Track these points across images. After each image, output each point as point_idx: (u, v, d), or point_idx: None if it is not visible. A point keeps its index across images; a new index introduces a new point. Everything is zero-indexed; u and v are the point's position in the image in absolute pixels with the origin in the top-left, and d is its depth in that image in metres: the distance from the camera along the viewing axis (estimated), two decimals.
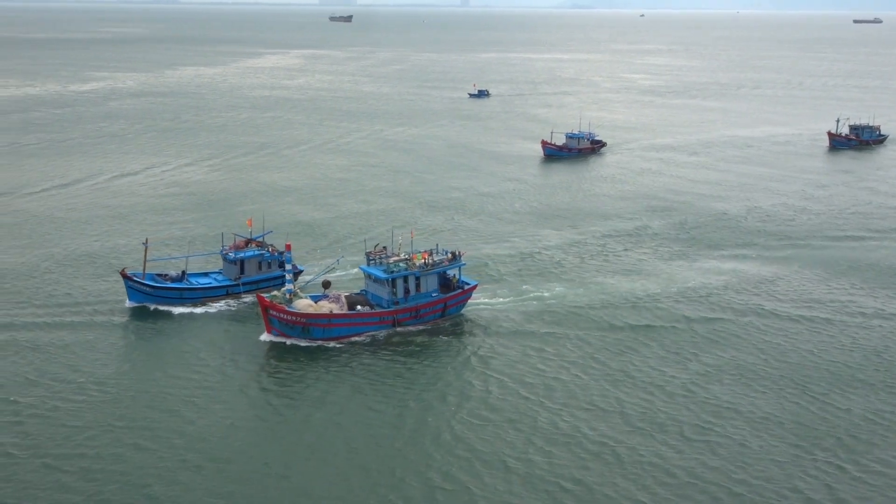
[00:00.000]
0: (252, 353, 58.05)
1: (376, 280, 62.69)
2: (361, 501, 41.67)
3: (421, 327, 62.96)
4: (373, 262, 64.07)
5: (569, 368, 56.88)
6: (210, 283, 67.91)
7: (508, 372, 56.20)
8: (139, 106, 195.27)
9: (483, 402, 51.92)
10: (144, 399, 50.97)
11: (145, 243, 68.25)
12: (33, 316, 63.60)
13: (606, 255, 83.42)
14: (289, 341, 59.32)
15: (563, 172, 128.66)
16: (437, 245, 69.34)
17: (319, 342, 59.41)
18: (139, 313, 64.61)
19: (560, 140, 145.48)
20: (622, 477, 43.94)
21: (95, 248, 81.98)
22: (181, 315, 64.50)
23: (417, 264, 63.60)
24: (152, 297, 65.29)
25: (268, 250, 69.66)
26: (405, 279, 62.61)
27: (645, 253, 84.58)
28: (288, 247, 63.49)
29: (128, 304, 65.38)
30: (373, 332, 61.18)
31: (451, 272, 66.27)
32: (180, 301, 65.99)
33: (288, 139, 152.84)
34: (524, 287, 72.17)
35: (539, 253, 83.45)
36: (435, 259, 65.03)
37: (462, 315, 65.85)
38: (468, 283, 66.80)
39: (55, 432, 46.79)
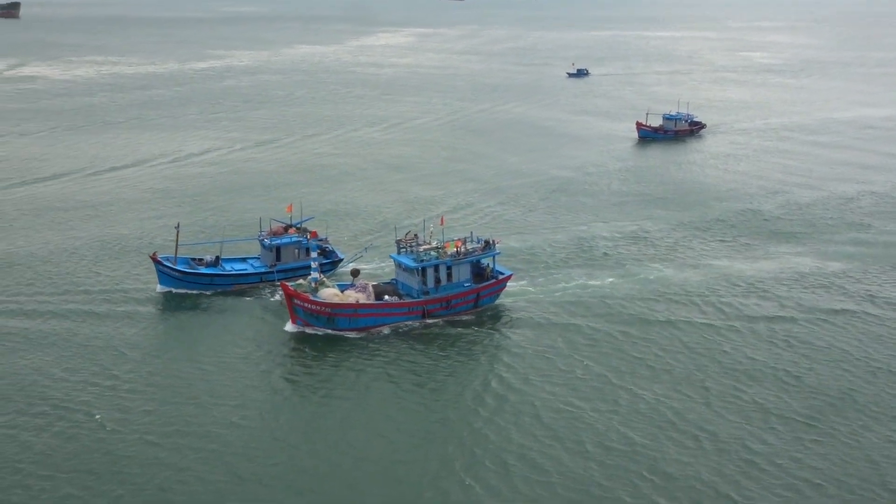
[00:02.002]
0: (275, 343, 55.15)
1: (406, 269, 59.37)
2: (394, 496, 39.16)
3: (452, 318, 59.19)
4: (403, 250, 60.41)
5: (608, 366, 52.49)
6: (245, 270, 64.96)
7: (541, 367, 52.25)
8: (253, 83, 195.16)
9: (513, 398, 48.30)
10: (162, 392, 48.47)
11: (177, 227, 65.84)
12: (63, 302, 61.08)
13: (671, 246, 77.04)
14: (312, 331, 56.25)
15: (654, 156, 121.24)
16: (471, 233, 65.09)
17: (345, 332, 56.23)
18: (169, 299, 62.28)
19: (656, 121, 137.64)
20: (661, 490, 38.94)
21: (143, 230, 79.71)
22: (210, 302, 61.81)
23: (449, 253, 59.70)
24: (183, 282, 62.72)
25: (306, 237, 66.29)
26: (436, 268, 59.03)
27: (716, 244, 77.88)
28: (314, 234, 60.15)
29: (158, 289, 62.99)
30: (401, 323, 57.74)
31: (485, 261, 62.14)
32: (211, 287, 63.26)
33: (372, 117, 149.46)
34: (570, 277, 67.37)
35: (597, 241, 77.63)
36: (468, 247, 60.93)
37: (496, 306, 61.74)
38: (503, 273, 62.55)
39: (78, 420, 44.96)
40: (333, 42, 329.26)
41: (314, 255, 57.90)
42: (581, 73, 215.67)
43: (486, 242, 62.03)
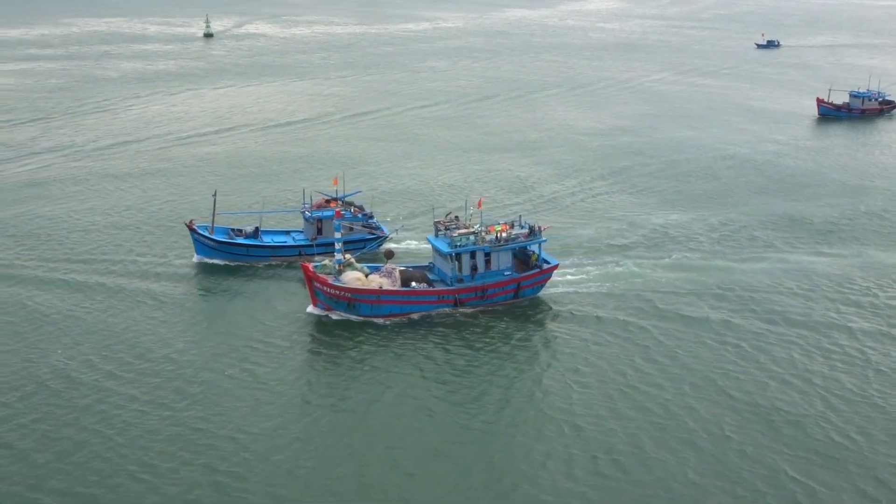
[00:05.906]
0: (294, 327, 48.09)
1: (441, 254, 50.69)
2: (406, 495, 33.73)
3: (487, 309, 50.19)
4: (441, 233, 51.53)
5: (656, 372, 42.98)
6: (284, 242, 58.45)
7: (579, 368, 43.33)
8: (459, 46, 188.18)
9: (541, 399, 40.21)
10: (173, 375, 42.62)
11: (214, 195, 59.66)
12: (91, 271, 55.66)
13: (771, 239, 63.15)
14: (335, 316, 48.96)
15: (828, 138, 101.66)
16: (519, 217, 55.01)
17: (367, 319, 48.62)
18: (202, 269, 56.32)
19: (841, 98, 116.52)
20: None
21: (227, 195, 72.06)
22: (243, 274, 55.44)
23: (488, 239, 50.25)
24: (218, 252, 56.90)
25: (350, 210, 58.87)
26: (472, 255, 49.99)
27: (828, 242, 62.92)
28: (338, 214, 51.92)
29: (195, 258, 57.42)
30: (430, 312, 49.35)
31: (531, 248, 52.20)
32: (247, 258, 57.09)
33: (542, 83, 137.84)
34: (633, 270, 55.91)
35: (689, 233, 64.11)
36: (512, 233, 51.20)
37: (539, 298, 51.84)
38: (549, 263, 52.35)
39: (95, 398, 40.30)
40: (544, 5, 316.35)
41: (338, 235, 50.23)
42: (771, 45, 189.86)
43: (531, 228, 52.20)
